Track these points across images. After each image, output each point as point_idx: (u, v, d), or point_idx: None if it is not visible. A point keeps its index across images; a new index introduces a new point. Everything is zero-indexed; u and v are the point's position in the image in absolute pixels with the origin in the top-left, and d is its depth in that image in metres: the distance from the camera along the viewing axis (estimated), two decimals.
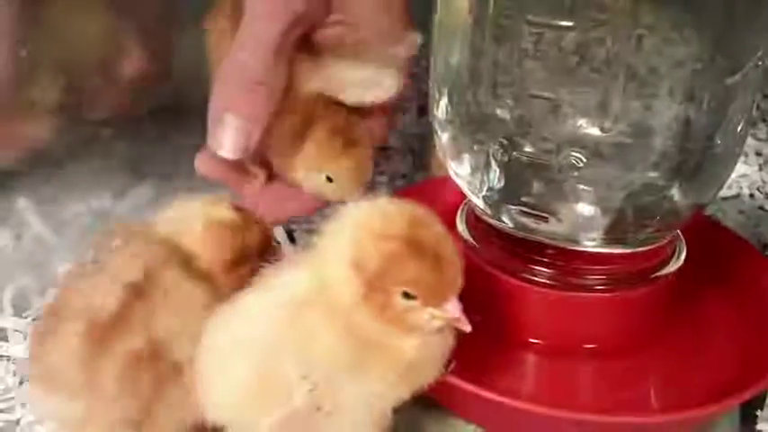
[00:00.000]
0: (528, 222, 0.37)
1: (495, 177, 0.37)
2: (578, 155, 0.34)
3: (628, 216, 0.36)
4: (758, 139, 0.69)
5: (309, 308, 0.31)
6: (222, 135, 0.42)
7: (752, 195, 0.62)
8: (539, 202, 0.37)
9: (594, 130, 0.34)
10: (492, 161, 0.37)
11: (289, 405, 0.31)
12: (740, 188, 0.63)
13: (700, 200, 0.38)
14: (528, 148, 0.36)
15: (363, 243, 0.30)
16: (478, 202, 0.40)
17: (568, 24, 0.32)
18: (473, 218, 0.42)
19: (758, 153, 0.67)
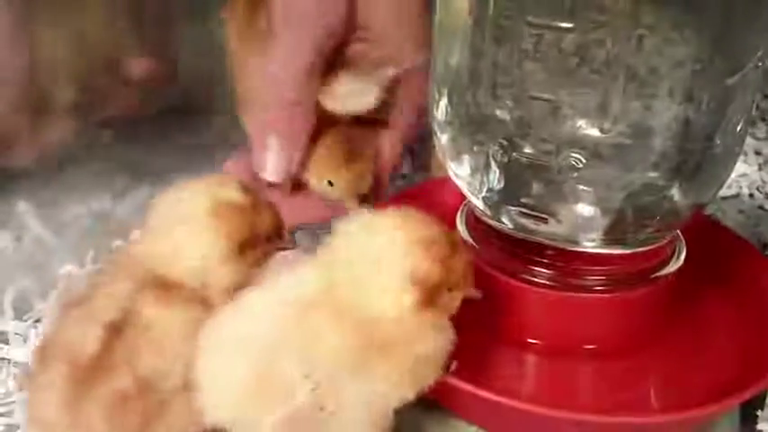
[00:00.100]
0: (527, 223, 0.38)
1: (495, 178, 0.37)
2: (578, 156, 0.34)
3: (627, 216, 0.36)
4: (757, 139, 0.69)
5: (315, 308, 0.31)
6: (265, 159, 0.44)
7: (751, 195, 0.62)
8: (538, 202, 0.37)
9: (594, 131, 0.34)
10: (492, 162, 0.37)
11: (291, 404, 0.30)
12: (740, 188, 0.63)
13: (699, 200, 0.38)
14: (528, 149, 0.36)
15: (420, 254, 0.31)
16: (478, 203, 0.40)
17: (568, 26, 0.32)
18: (473, 219, 0.42)
19: (758, 152, 0.67)
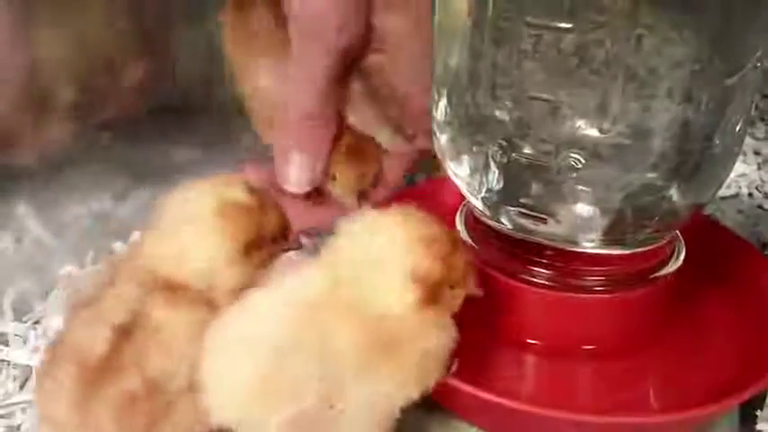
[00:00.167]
0: (527, 223, 0.38)
1: (494, 179, 0.37)
2: (577, 156, 0.34)
3: (627, 217, 0.36)
4: (756, 139, 0.69)
5: (321, 308, 0.31)
6: (288, 172, 0.45)
7: (750, 194, 0.62)
8: (537, 203, 0.37)
9: (593, 132, 0.34)
10: (491, 162, 0.37)
11: (298, 404, 0.30)
12: (739, 187, 0.63)
13: (698, 200, 0.38)
14: (527, 150, 0.36)
15: (421, 252, 0.31)
16: (477, 204, 0.40)
17: (567, 26, 0.32)
18: (472, 219, 0.42)
19: (756, 152, 0.67)
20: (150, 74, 0.53)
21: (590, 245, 0.37)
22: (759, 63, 0.34)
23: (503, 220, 0.39)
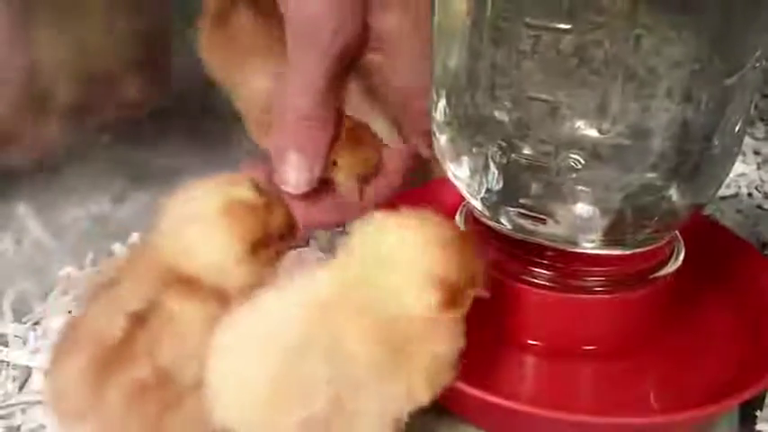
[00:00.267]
0: (526, 224, 0.38)
1: (494, 179, 0.37)
2: (576, 157, 0.34)
3: (626, 217, 0.36)
4: (756, 139, 0.69)
5: (333, 309, 0.31)
6: (286, 173, 0.44)
7: (750, 194, 0.62)
8: (537, 203, 0.37)
9: (593, 132, 0.34)
10: (490, 163, 0.37)
11: (311, 406, 0.30)
12: (738, 187, 0.63)
13: (698, 200, 0.38)
14: (526, 151, 0.36)
15: (441, 254, 0.31)
16: (477, 204, 0.40)
17: (566, 27, 0.32)
18: (472, 220, 0.42)
19: (756, 152, 0.67)
20: (150, 75, 0.53)
21: (590, 245, 0.37)
22: (758, 63, 0.34)
23: (502, 220, 0.39)
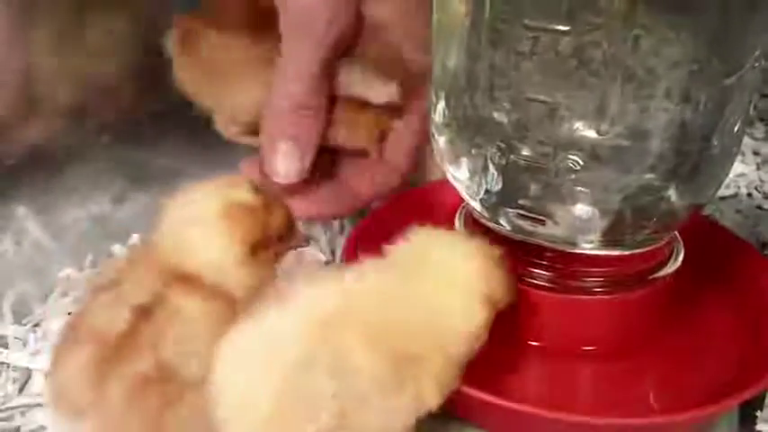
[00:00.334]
0: (525, 225, 0.38)
1: (493, 180, 0.37)
2: (575, 158, 0.34)
3: (625, 218, 0.36)
4: (755, 139, 0.69)
5: (342, 324, 0.31)
6: (276, 162, 0.44)
7: (750, 195, 0.62)
8: (536, 204, 0.37)
9: (591, 133, 0.34)
10: (489, 164, 0.37)
11: (316, 421, 0.30)
12: (738, 187, 0.63)
13: (697, 200, 0.38)
14: (525, 152, 0.36)
15: (488, 273, 0.33)
16: (476, 206, 0.40)
17: (565, 28, 0.32)
18: (471, 221, 0.42)
19: (756, 152, 0.67)
20: (148, 78, 0.53)
21: (589, 246, 0.37)
22: (757, 63, 0.34)
23: (501, 221, 0.39)
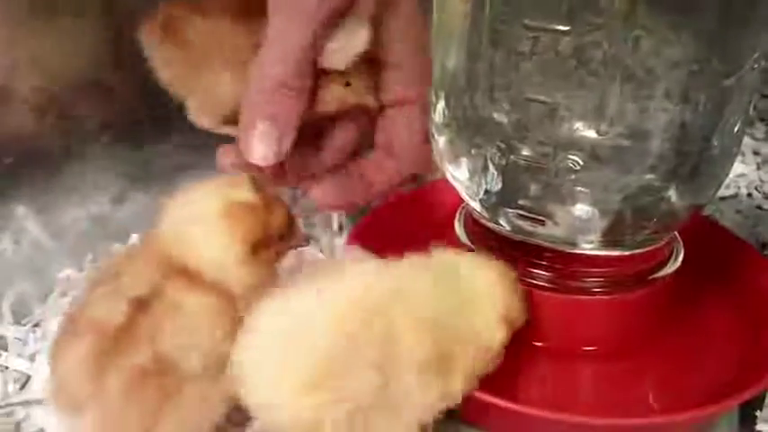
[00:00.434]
0: (525, 225, 0.38)
1: (493, 181, 0.37)
2: (575, 158, 0.34)
3: (625, 218, 0.36)
4: (756, 139, 0.69)
5: (396, 303, 0.32)
6: (253, 142, 0.42)
7: (749, 195, 0.62)
8: (536, 204, 0.37)
9: (591, 133, 0.34)
10: (489, 164, 0.37)
11: (358, 398, 0.30)
12: (738, 188, 0.62)
13: (697, 201, 0.38)
14: (525, 152, 0.36)
15: (507, 295, 0.35)
16: (476, 206, 0.40)
17: (565, 28, 0.32)
18: (471, 221, 0.42)
19: (756, 152, 0.67)
20: (149, 76, 0.53)
21: (589, 246, 0.37)
22: (757, 64, 0.34)
23: (501, 221, 0.39)
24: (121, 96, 0.53)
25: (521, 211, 0.37)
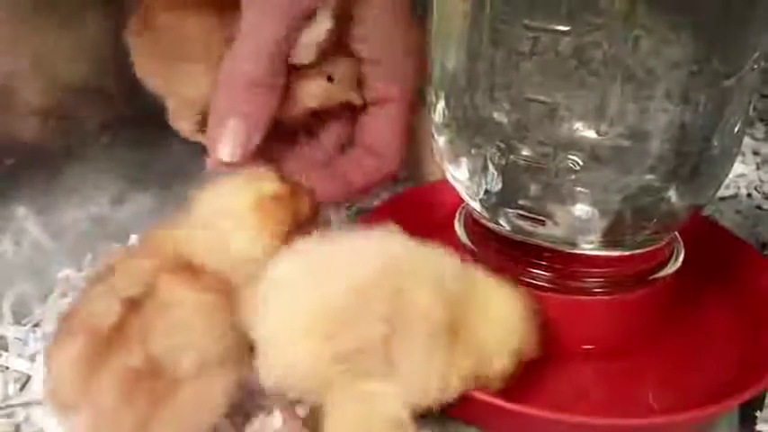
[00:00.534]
0: (525, 225, 0.38)
1: (493, 181, 0.37)
2: (575, 158, 0.34)
3: (625, 218, 0.36)
4: (756, 139, 0.69)
5: (415, 270, 0.32)
6: (221, 138, 0.42)
7: (749, 195, 0.62)
8: (536, 205, 0.37)
9: (591, 134, 0.34)
10: (489, 165, 0.37)
11: (362, 338, 0.31)
12: (738, 188, 0.62)
13: (697, 201, 0.38)
14: (525, 152, 0.36)
15: (524, 332, 0.35)
16: (476, 206, 0.40)
17: (565, 28, 0.32)
18: (470, 221, 0.42)
19: (755, 152, 0.67)
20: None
21: (589, 246, 0.37)
22: (757, 64, 0.34)
23: (501, 221, 0.39)
24: (121, 97, 0.53)
25: (521, 212, 0.37)
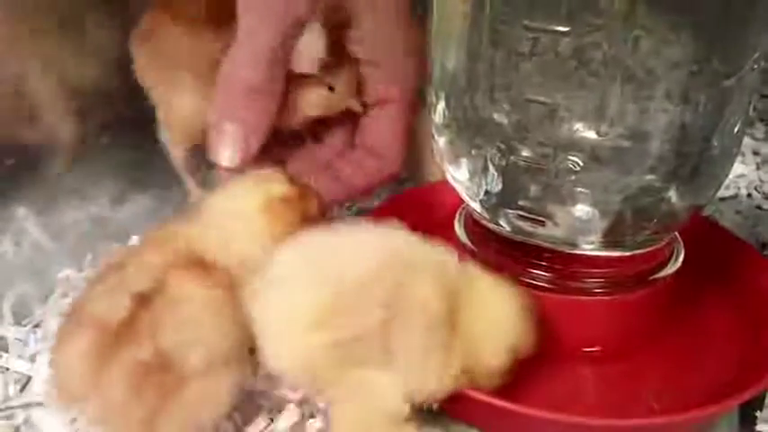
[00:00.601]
0: (525, 226, 0.38)
1: (493, 181, 0.37)
2: (575, 159, 0.34)
3: (625, 219, 0.36)
4: (756, 139, 0.69)
5: (418, 264, 0.33)
6: (220, 144, 0.42)
7: (749, 195, 0.62)
8: (536, 205, 0.37)
9: (591, 134, 0.34)
10: (489, 165, 0.37)
11: (361, 326, 0.31)
12: (738, 188, 0.63)
13: (697, 201, 0.38)
14: (525, 153, 0.36)
15: (519, 326, 0.35)
16: (476, 206, 0.40)
17: (565, 29, 0.32)
18: (471, 221, 0.42)
19: (755, 152, 0.67)
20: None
21: (589, 247, 0.37)
22: (757, 64, 0.34)
23: (501, 222, 0.39)
24: (122, 98, 0.53)
25: (521, 212, 0.37)
